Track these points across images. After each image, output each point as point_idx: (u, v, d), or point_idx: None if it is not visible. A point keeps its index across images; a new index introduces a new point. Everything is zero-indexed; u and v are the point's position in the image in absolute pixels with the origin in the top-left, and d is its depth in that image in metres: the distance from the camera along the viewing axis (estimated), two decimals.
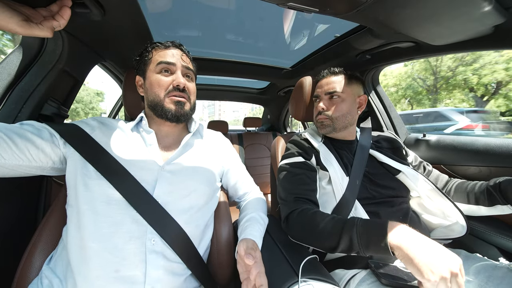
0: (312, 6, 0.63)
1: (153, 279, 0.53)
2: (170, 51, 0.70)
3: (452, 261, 0.45)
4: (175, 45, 0.73)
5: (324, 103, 0.88)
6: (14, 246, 0.72)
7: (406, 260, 0.47)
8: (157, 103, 0.67)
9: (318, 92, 0.92)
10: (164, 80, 0.67)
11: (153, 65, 0.69)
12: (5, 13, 0.45)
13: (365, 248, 0.54)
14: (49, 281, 0.53)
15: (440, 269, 0.43)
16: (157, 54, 0.69)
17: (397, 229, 0.52)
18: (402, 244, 0.49)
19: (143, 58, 0.71)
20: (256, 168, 2.29)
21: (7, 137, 0.51)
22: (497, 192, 0.69)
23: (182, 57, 0.71)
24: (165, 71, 0.68)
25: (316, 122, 0.93)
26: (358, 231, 0.55)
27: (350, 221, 0.58)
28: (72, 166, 0.58)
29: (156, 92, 0.67)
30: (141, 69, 0.72)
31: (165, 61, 0.68)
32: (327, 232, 0.60)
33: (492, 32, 0.71)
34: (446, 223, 0.77)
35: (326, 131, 0.89)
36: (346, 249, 0.57)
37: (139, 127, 0.70)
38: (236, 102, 3.01)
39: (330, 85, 0.88)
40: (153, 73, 0.68)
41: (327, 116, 0.87)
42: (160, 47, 0.71)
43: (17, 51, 0.75)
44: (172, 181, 0.63)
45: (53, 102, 0.83)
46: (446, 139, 1.05)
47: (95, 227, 0.53)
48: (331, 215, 0.64)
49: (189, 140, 0.72)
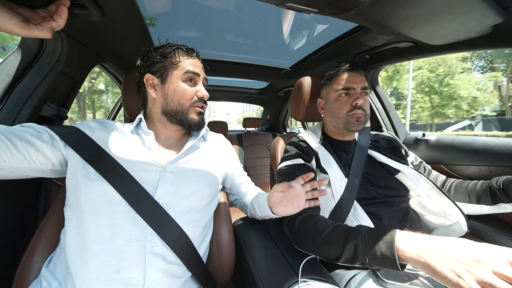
0: (311, 7, 0.63)
1: (152, 282, 0.52)
2: (195, 61, 0.71)
3: (486, 256, 0.37)
4: (197, 55, 0.73)
5: (361, 98, 0.84)
6: (13, 247, 0.72)
7: (430, 273, 0.42)
8: (179, 112, 0.67)
9: (352, 85, 0.84)
10: (190, 90, 0.68)
11: (179, 72, 0.67)
12: (4, 14, 0.45)
13: (371, 259, 0.50)
14: (48, 284, 0.53)
15: (476, 271, 0.36)
16: (184, 61, 0.68)
17: (407, 239, 0.47)
18: (419, 256, 0.43)
19: (164, 60, 0.68)
20: (255, 168, 2.29)
21: (7, 139, 0.50)
22: (500, 191, 0.69)
23: (203, 68, 0.73)
24: (189, 80, 0.68)
25: (347, 118, 0.84)
26: (364, 240, 0.52)
27: (355, 230, 0.56)
28: (72, 168, 0.58)
29: (180, 101, 0.67)
30: (159, 70, 0.68)
31: (194, 72, 0.68)
32: (330, 241, 0.58)
33: (491, 31, 0.72)
34: (447, 223, 0.76)
35: (358, 128, 0.84)
36: (350, 259, 0.54)
37: (138, 129, 0.70)
38: (235, 103, 3.01)
39: (364, 81, 0.86)
40: (179, 80, 0.67)
41: (364, 111, 0.84)
42: (184, 53, 0.70)
43: (16, 52, 0.75)
44: (174, 182, 0.62)
45: (53, 103, 0.83)
46: (446, 139, 1.05)
47: (96, 229, 0.53)
48: (334, 223, 0.62)
49: (194, 143, 0.72)
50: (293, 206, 0.67)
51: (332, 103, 0.88)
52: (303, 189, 0.68)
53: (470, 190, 0.77)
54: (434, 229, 0.81)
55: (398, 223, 0.73)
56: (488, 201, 0.72)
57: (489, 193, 0.72)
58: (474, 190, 0.76)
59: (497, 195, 0.70)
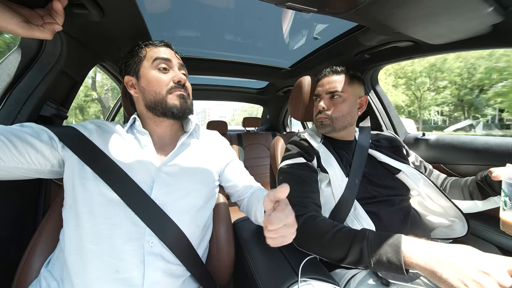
0: (311, 6, 0.63)
1: (152, 281, 0.52)
2: (163, 49, 0.70)
3: (491, 266, 0.39)
4: (166, 44, 0.72)
5: (325, 103, 0.87)
6: (13, 247, 0.72)
7: (435, 278, 0.43)
8: (158, 101, 0.65)
9: (319, 91, 0.91)
10: (163, 77, 0.66)
11: (148, 62, 0.67)
12: (6, 14, 0.45)
13: (376, 263, 0.50)
14: (47, 284, 0.53)
15: (483, 280, 0.38)
16: (151, 51, 0.68)
17: (414, 245, 0.48)
18: (426, 263, 0.44)
19: (134, 57, 0.69)
20: (255, 168, 2.29)
21: (7, 140, 0.50)
22: (486, 185, 0.71)
23: (176, 55, 0.72)
24: (163, 68, 0.67)
25: (315, 122, 0.92)
26: (369, 244, 0.52)
27: (360, 233, 0.56)
28: (69, 169, 0.58)
29: (156, 90, 0.65)
30: (132, 68, 0.69)
31: (162, 57, 0.67)
32: (334, 242, 0.58)
33: (490, 31, 0.71)
34: (447, 222, 0.76)
35: (325, 131, 0.88)
36: (354, 262, 0.55)
37: (133, 129, 0.69)
38: (229, 106, 3.02)
39: (332, 84, 0.87)
40: (150, 70, 0.66)
41: (327, 115, 0.86)
42: (152, 45, 0.70)
43: (16, 52, 0.75)
44: (169, 182, 0.62)
45: (52, 103, 0.83)
46: (446, 138, 1.05)
47: (94, 229, 0.53)
48: (339, 225, 0.62)
49: (185, 140, 0.71)
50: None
51: (314, 108, 0.95)
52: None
53: (463, 186, 0.78)
54: (434, 228, 0.81)
55: (399, 222, 0.73)
56: (479, 196, 0.73)
57: (477, 188, 0.74)
58: (466, 186, 0.78)
59: (485, 189, 0.71)
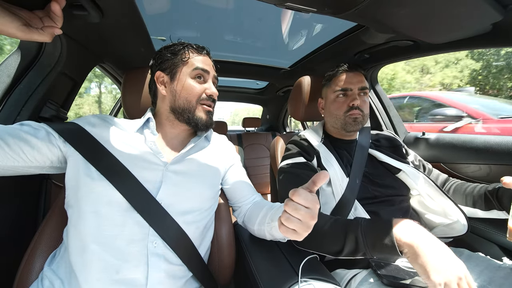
0: (310, 6, 0.63)
1: (155, 282, 0.52)
2: (205, 58, 0.70)
3: (458, 266, 0.44)
4: (207, 53, 0.72)
5: (359, 98, 0.84)
6: (14, 247, 0.72)
7: (413, 257, 0.46)
8: (186, 109, 0.66)
9: (349, 86, 0.85)
10: (198, 87, 0.67)
11: (188, 68, 0.67)
12: (6, 18, 0.44)
13: (371, 248, 0.53)
14: (50, 282, 0.53)
15: (447, 273, 0.42)
16: (193, 58, 0.68)
17: (404, 226, 0.51)
18: (413, 241, 0.47)
19: (177, 57, 0.68)
20: (255, 168, 2.29)
21: (0, 139, 0.50)
22: (494, 198, 0.69)
23: (213, 67, 0.72)
24: (198, 77, 0.68)
25: (345, 118, 0.85)
26: (363, 231, 0.54)
27: (353, 222, 0.57)
28: (73, 166, 0.57)
29: (188, 98, 0.66)
30: (169, 67, 0.68)
31: (203, 68, 0.67)
32: (330, 235, 0.59)
33: (490, 30, 0.71)
34: (447, 221, 0.76)
35: (356, 128, 0.85)
36: (352, 252, 0.56)
37: (144, 128, 0.68)
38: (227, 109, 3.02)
39: (363, 81, 0.86)
40: (187, 77, 0.67)
41: (361, 112, 0.84)
42: (194, 50, 0.69)
43: (16, 53, 0.75)
44: (177, 182, 0.62)
45: (52, 104, 0.83)
46: (446, 137, 1.05)
47: (97, 229, 0.52)
48: (332, 218, 0.63)
49: (197, 143, 0.71)
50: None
51: (331, 104, 0.90)
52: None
53: (468, 193, 0.77)
54: (434, 227, 0.81)
55: None
56: (483, 206, 0.73)
57: (484, 198, 0.73)
58: (471, 194, 0.77)
59: (491, 202, 0.70)
